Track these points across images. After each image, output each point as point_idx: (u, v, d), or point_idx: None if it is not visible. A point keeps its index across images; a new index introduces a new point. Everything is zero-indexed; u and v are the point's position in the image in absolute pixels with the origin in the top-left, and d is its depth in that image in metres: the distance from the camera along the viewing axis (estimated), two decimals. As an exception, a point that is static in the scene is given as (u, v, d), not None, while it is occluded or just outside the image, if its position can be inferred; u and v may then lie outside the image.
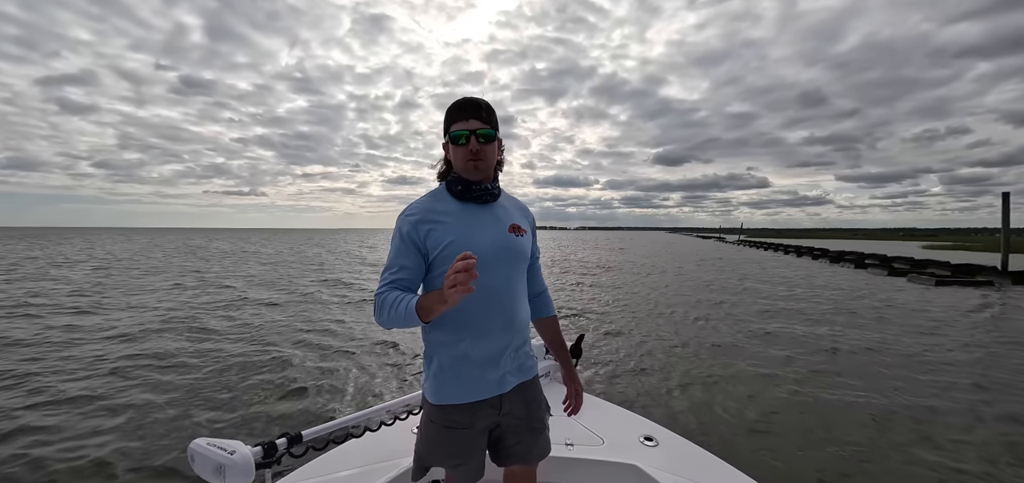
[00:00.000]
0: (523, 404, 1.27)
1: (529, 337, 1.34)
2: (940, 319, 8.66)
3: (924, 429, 3.83)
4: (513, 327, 1.22)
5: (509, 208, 1.29)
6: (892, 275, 17.63)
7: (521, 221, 1.29)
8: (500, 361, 1.20)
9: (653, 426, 2.00)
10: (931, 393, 4.67)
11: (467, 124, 1.15)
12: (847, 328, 7.87)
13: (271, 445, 1.34)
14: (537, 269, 1.43)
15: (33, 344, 6.35)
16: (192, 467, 1.25)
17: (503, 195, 1.30)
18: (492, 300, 1.16)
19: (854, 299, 11.32)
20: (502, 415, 1.24)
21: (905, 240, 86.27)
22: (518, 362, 1.26)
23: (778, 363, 5.75)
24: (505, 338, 1.20)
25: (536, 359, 1.37)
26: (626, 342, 6.87)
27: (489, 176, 1.22)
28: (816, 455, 3.40)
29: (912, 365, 5.68)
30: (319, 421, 1.54)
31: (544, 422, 1.35)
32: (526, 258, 1.28)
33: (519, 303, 1.25)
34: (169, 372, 5.16)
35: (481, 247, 1.12)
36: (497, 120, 1.21)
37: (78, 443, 3.48)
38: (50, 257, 24.00)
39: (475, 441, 1.22)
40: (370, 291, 11.76)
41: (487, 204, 1.23)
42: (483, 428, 1.23)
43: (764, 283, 14.81)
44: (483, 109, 1.16)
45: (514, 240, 1.23)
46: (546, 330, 1.50)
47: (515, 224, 1.27)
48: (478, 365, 1.17)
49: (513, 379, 1.25)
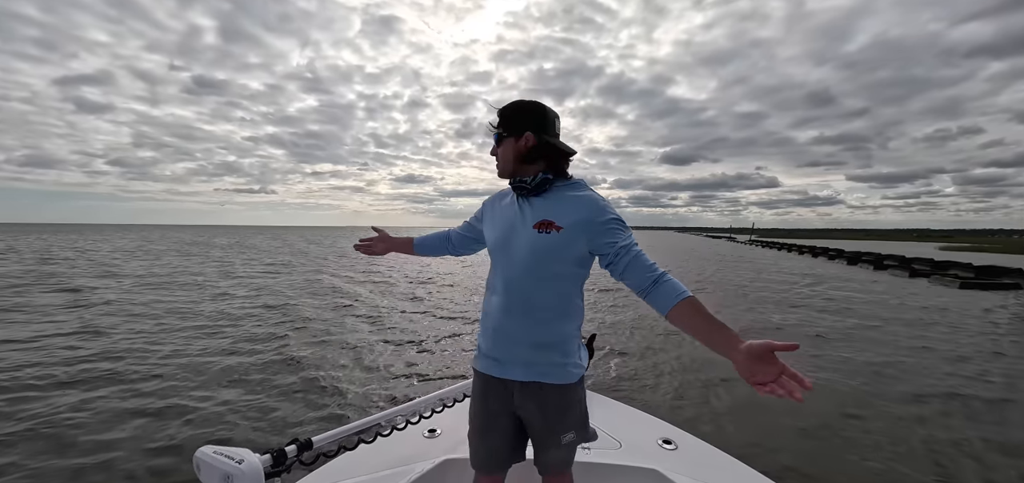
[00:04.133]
0: (537, 408, 1.26)
1: (556, 342, 1.24)
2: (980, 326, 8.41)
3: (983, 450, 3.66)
4: (525, 321, 1.24)
5: (559, 204, 1.23)
6: (913, 277, 17.28)
7: (563, 217, 1.20)
8: (508, 349, 1.26)
9: (672, 429, 1.95)
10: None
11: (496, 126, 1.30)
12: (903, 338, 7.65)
13: (280, 452, 1.28)
14: (627, 264, 1.14)
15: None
16: (198, 476, 1.19)
17: (559, 189, 1.26)
18: (505, 290, 1.26)
19: (905, 309, 11.02)
20: (516, 407, 1.29)
21: (920, 241, 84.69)
22: (528, 359, 1.25)
23: (828, 368, 5.61)
24: (515, 329, 1.24)
25: (569, 370, 1.25)
26: (640, 342, 6.76)
27: (509, 172, 1.29)
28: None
29: (950, 363, 5.50)
30: (329, 427, 1.48)
31: (558, 440, 1.27)
32: (550, 256, 1.20)
33: (535, 299, 1.23)
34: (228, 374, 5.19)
35: (496, 238, 1.32)
36: (519, 120, 1.26)
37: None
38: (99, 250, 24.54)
39: (487, 417, 1.32)
40: (380, 306, 11.69)
41: (529, 198, 1.27)
42: (497, 409, 1.30)
43: (781, 282, 14.53)
44: (499, 113, 1.30)
45: (535, 237, 1.22)
46: (680, 323, 1.08)
47: (545, 221, 1.22)
48: (489, 341, 1.30)
49: (519, 372, 1.26)
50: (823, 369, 5.52)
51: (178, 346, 6.20)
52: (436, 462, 1.65)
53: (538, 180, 1.25)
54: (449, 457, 1.67)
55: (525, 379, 1.26)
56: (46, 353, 5.74)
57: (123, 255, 24.32)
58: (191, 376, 4.97)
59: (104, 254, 24.87)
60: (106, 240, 44.76)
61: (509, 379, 1.27)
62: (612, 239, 1.17)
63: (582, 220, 1.20)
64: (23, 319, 7.80)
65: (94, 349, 5.98)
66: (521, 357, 1.25)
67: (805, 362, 5.75)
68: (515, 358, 1.26)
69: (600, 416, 2.04)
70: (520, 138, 1.25)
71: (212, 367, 5.29)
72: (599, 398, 2.29)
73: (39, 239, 44.86)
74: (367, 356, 5.84)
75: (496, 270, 1.30)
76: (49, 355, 5.65)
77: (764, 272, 18.74)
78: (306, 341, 6.56)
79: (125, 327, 7.30)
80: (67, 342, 6.30)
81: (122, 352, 5.84)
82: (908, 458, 3.37)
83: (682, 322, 1.06)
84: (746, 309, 9.98)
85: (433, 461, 1.65)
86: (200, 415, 3.97)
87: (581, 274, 1.26)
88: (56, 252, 25.82)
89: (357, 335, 6.98)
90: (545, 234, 1.20)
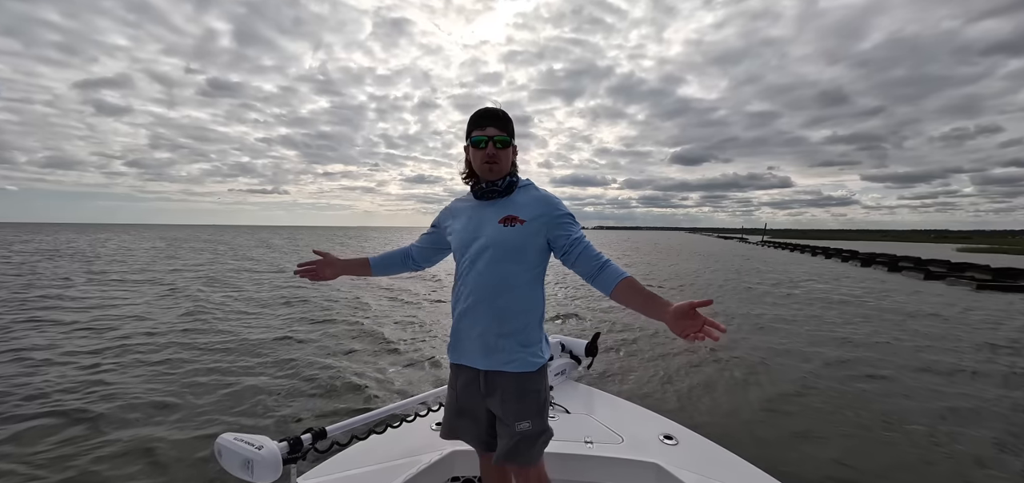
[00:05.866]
0: (498, 396, 1.32)
1: (521, 329, 1.30)
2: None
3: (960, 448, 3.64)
4: (492, 313, 1.30)
5: (520, 202, 1.35)
6: (928, 279, 16.96)
7: (524, 213, 1.32)
8: (477, 338, 1.32)
9: (673, 425, 1.98)
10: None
11: (485, 131, 1.31)
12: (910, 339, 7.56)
13: (296, 440, 1.34)
14: (578, 253, 1.29)
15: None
16: (219, 462, 1.25)
17: (520, 190, 1.38)
18: (475, 285, 1.32)
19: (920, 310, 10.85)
20: (484, 397, 1.35)
21: (937, 242, 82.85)
22: (491, 347, 1.31)
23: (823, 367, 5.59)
24: (484, 321, 1.30)
25: (532, 357, 1.31)
26: (644, 340, 6.77)
27: (502, 175, 1.35)
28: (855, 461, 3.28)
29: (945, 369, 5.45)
30: (343, 417, 1.56)
31: (512, 427, 1.29)
32: (516, 248, 1.30)
33: (503, 291, 1.30)
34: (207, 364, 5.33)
35: (467, 236, 1.36)
36: (513, 128, 1.35)
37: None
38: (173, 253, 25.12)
39: (456, 402, 1.42)
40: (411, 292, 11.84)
41: (494, 200, 1.36)
42: (467, 403, 1.38)
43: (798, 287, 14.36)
44: (500, 118, 1.32)
45: (502, 232, 1.30)
46: (623, 301, 1.24)
47: (509, 216, 1.32)
48: (465, 338, 1.36)
49: (490, 361, 1.31)
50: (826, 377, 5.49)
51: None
52: (444, 453, 1.71)
53: (506, 184, 1.36)
54: (456, 448, 1.72)
55: (487, 367, 1.32)
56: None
57: (170, 254, 24.81)
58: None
59: (179, 254, 25.37)
60: (147, 239, 45.64)
61: (477, 367, 1.34)
62: (566, 232, 1.32)
63: (541, 214, 1.33)
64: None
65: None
66: (485, 346, 1.31)
67: (813, 365, 5.73)
68: (480, 347, 1.32)
69: (602, 412, 2.09)
70: (514, 147, 1.38)
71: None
72: (602, 395, 2.33)
73: (70, 237, 45.96)
74: (380, 350, 5.95)
75: (463, 265, 1.37)
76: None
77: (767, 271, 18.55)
78: (321, 338, 6.69)
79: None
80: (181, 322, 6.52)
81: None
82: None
83: (624, 298, 1.24)
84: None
85: (441, 452, 1.71)
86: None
87: (541, 266, 1.36)
88: (100, 250, 26.63)
89: (375, 328, 7.11)
90: (510, 227, 1.31)
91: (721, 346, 6.53)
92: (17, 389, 4.45)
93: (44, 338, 6.48)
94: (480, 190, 1.37)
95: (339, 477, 1.56)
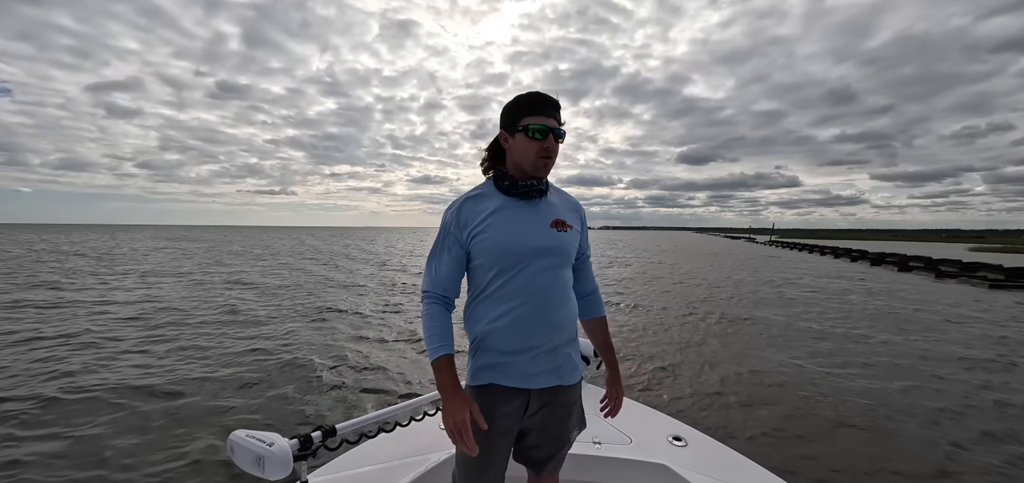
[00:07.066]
0: (553, 411, 1.23)
1: (574, 339, 1.27)
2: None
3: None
4: (552, 328, 1.18)
5: (556, 203, 1.25)
6: (939, 278, 16.73)
7: (568, 216, 1.25)
8: (534, 358, 1.17)
9: (682, 426, 1.97)
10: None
11: (548, 121, 1.15)
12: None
13: (307, 438, 1.35)
14: (587, 268, 1.37)
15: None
16: (231, 458, 1.26)
17: (551, 190, 1.27)
18: (528, 299, 1.15)
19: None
20: (528, 417, 1.21)
21: (949, 242, 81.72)
22: (555, 364, 1.20)
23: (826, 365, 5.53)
24: (541, 337, 1.16)
25: (580, 366, 1.30)
26: (651, 341, 6.74)
27: (547, 171, 1.22)
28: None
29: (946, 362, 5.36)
30: (352, 415, 1.56)
31: (570, 437, 1.29)
32: (571, 255, 1.23)
33: (561, 303, 1.20)
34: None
35: (521, 244, 1.15)
36: None
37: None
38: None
39: (495, 440, 1.18)
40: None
41: (532, 200, 1.21)
42: (506, 428, 1.19)
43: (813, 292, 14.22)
44: (559, 108, 1.19)
45: (557, 236, 1.20)
46: (594, 331, 1.41)
47: (559, 219, 1.22)
48: (509, 356, 1.17)
49: (545, 379, 1.20)
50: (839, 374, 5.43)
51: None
52: (451, 452, 1.71)
53: (545, 181, 1.24)
54: None
55: (551, 384, 1.20)
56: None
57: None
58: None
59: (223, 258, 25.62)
60: (179, 240, 46.12)
61: (533, 389, 1.20)
62: (587, 241, 1.34)
63: (580, 219, 1.30)
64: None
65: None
66: (551, 364, 1.20)
67: (825, 359, 5.68)
68: (540, 365, 1.19)
69: None
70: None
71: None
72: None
73: (84, 239, 46.53)
74: (391, 351, 5.98)
75: (511, 275, 1.15)
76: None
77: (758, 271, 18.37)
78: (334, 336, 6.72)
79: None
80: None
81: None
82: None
83: (597, 330, 1.40)
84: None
85: (449, 451, 1.71)
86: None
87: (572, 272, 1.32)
88: (126, 251, 26.84)
89: (387, 328, 7.15)
90: (563, 233, 1.21)
91: (728, 347, 6.48)
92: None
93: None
94: (524, 187, 1.18)
95: (349, 474, 1.56)
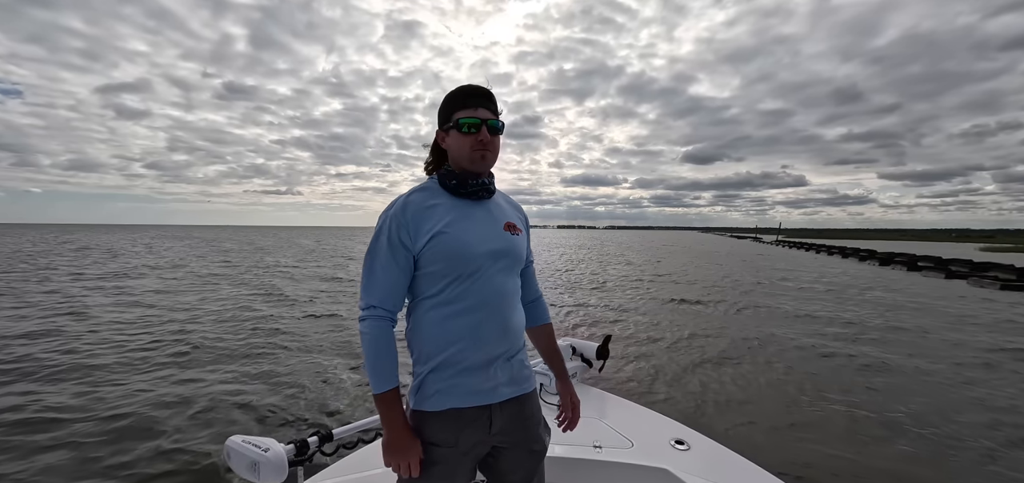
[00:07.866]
0: (520, 422, 1.13)
1: (525, 345, 1.21)
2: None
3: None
4: (508, 334, 1.10)
5: (504, 205, 1.19)
6: (949, 278, 16.53)
7: (516, 219, 1.19)
8: (491, 370, 1.08)
9: (684, 429, 1.94)
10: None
11: (477, 112, 1.08)
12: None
13: (303, 443, 1.36)
14: (531, 273, 1.30)
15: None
16: (227, 463, 1.27)
17: (497, 192, 1.20)
18: (485, 305, 1.07)
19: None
20: (493, 434, 1.10)
21: (959, 241, 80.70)
22: (511, 372, 1.11)
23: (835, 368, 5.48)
24: (498, 346, 1.09)
25: (532, 371, 1.22)
26: (653, 343, 6.70)
27: (489, 167, 1.14)
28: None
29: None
30: (349, 421, 1.56)
31: (544, 444, 1.20)
32: (522, 259, 1.18)
33: (514, 308, 1.14)
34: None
35: (474, 246, 1.06)
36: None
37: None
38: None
39: (457, 463, 1.08)
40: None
41: (481, 200, 1.14)
42: (469, 448, 1.08)
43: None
44: (493, 99, 1.11)
45: (510, 239, 1.13)
46: (540, 339, 1.34)
47: (511, 222, 1.16)
48: (466, 373, 1.06)
49: (507, 390, 1.11)
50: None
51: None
52: None
53: (491, 180, 1.16)
54: None
55: (511, 395, 1.12)
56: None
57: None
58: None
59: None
60: (217, 240, 46.63)
61: (494, 403, 1.10)
62: (530, 245, 1.27)
63: (524, 222, 1.24)
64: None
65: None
66: (507, 374, 1.11)
67: (832, 370, 5.62)
68: (500, 377, 1.10)
69: (612, 416, 2.07)
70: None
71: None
72: (612, 398, 2.31)
73: (91, 237, 47.13)
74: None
75: (468, 283, 1.06)
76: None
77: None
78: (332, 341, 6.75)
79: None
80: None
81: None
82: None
83: (543, 337, 1.34)
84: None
85: None
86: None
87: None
88: (133, 249, 27.10)
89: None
90: (516, 236, 1.16)
91: (734, 348, 6.44)
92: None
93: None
94: (474, 187, 1.11)
95: (345, 480, 1.55)
